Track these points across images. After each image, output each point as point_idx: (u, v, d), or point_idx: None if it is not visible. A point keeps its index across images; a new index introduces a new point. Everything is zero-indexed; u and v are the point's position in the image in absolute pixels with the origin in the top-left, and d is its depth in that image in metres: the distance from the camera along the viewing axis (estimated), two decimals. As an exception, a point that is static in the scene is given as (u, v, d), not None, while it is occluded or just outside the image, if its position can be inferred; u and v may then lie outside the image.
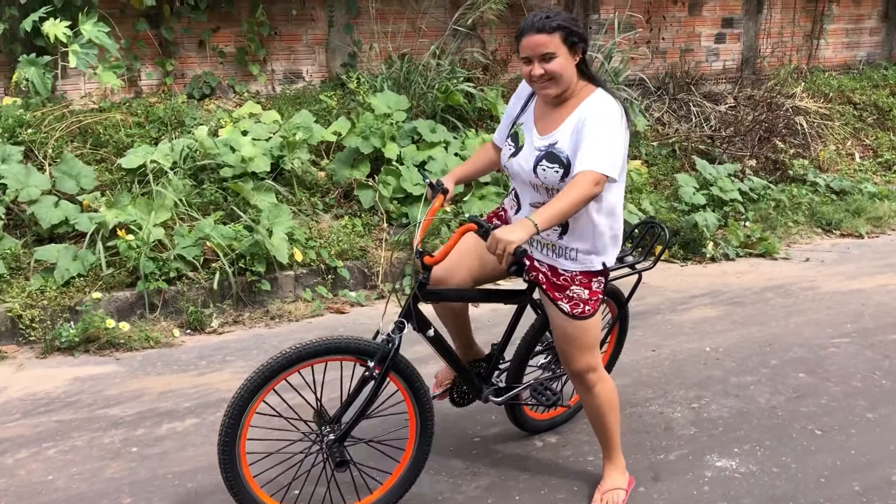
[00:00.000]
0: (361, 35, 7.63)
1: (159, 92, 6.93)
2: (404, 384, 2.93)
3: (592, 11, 8.68)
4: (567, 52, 2.75)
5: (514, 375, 3.40)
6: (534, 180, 2.87)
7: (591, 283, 2.95)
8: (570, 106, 2.83)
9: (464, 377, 3.22)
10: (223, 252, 5.04)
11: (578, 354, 3.00)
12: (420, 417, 2.98)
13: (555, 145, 2.81)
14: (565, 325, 2.97)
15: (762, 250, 6.44)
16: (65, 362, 4.32)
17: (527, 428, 3.62)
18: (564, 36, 2.74)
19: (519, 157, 2.92)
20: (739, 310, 5.25)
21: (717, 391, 4.07)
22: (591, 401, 3.09)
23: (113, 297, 4.79)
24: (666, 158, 7.56)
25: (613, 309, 3.74)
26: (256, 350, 4.52)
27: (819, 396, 4.03)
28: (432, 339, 3.01)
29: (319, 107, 6.91)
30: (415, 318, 2.88)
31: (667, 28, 9.15)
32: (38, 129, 5.66)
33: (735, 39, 9.64)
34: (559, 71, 2.75)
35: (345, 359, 2.80)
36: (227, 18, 7.08)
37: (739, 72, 9.70)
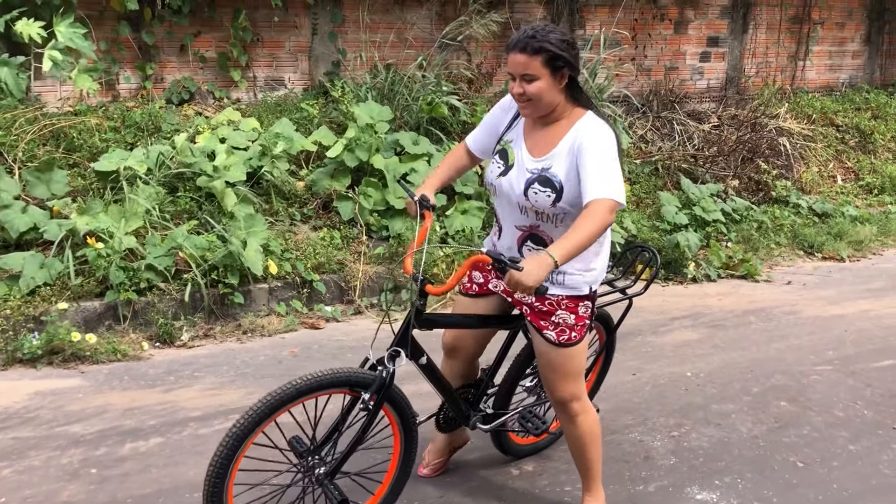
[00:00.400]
0: (346, 44, 7.54)
1: (138, 96, 6.80)
2: (395, 414, 2.85)
3: (578, 27, 8.64)
4: (549, 76, 2.65)
5: (501, 401, 3.31)
6: (523, 202, 2.78)
7: (577, 307, 2.86)
8: (561, 127, 2.74)
9: (452, 404, 3.13)
10: (195, 263, 4.91)
11: (562, 382, 2.91)
12: (404, 447, 2.92)
13: (549, 169, 2.72)
14: (550, 353, 2.89)
15: (744, 272, 6.39)
16: (27, 375, 4.17)
17: (510, 453, 3.53)
18: (547, 59, 2.63)
19: (509, 177, 2.82)
20: (721, 333, 5.18)
21: (697, 419, 3.99)
22: (573, 431, 3.01)
23: (81, 308, 4.64)
24: (649, 177, 7.51)
25: (602, 335, 3.66)
26: (227, 366, 4.39)
27: (801, 426, 3.96)
28: (424, 367, 2.91)
29: (300, 115, 6.80)
30: (409, 346, 2.76)
31: (652, 45, 9.13)
32: (9, 131, 5.50)
33: (720, 58, 9.63)
34: (537, 94, 2.66)
35: (339, 392, 2.69)
36: (209, 23, 6.97)
37: (724, 91, 9.69)
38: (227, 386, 4.14)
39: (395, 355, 2.72)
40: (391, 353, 2.73)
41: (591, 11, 8.71)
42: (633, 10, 8.81)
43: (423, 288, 2.73)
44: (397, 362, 2.72)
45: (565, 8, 8.52)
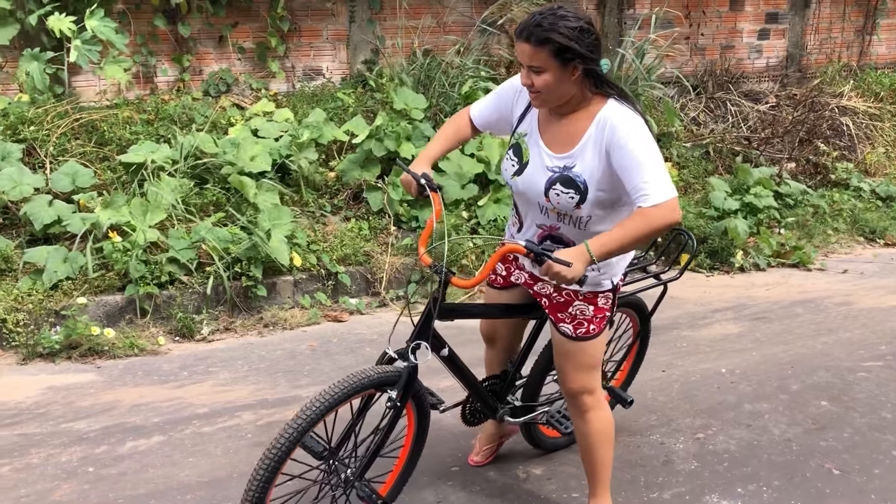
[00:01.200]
0: (384, 30, 7.40)
1: (175, 89, 6.80)
2: (414, 409, 2.77)
3: (627, 7, 8.31)
4: (558, 68, 2.42)
5: (530, 393, 3.20)
6: (544, 203, 2.59)
7: (596, 298, 2.70)
8: (580, 119, 2.52)
9: (477, 396, 3.01)
10: (218, 255, 4.86)
11: (575, 373, 2.77)
12: (416, 439, 2.85)
13: (572, 168, 2.51)
14: (565, 344, 2.76)
15: (796, 260, 6.04)
16: (44, 369, 4.18)
17: (542, 446, 3.41)
18: (554, 50, 2.39)
19: (525, 176, 2.61)
20: (764, 326, 4.88)
21: (727, 420, 3.74)
22: (582, 427, 2.84)
23: (102, 302, 4.63)
24: (699, 160, 7.17)
25: (636, 323, 3.48)
26: (242, 361, 4.32)
27: (841, 429, 3.67)
28: (446, 359, 2.81)
29: (335, 105, 6.69)
30: (430, 338, 2.65)
31: (706, 24, 8.73)
32: (41, 125, 5.54)
33: (780, 35, 9.16)
34: (545, 87, 2.45)
35: (369, 393, 2.62)
36: (247, 13, 6.91)
37: (784, 69, 9.22)
38: (238, 382, 4.07)
39: (416, 348, 2.63)
40: (413, 347, 2.63)
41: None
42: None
43: (448, 279, 2.61)
44: (419, 355, 2.62)
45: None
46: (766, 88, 8.72)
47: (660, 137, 7.24)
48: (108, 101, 6.33)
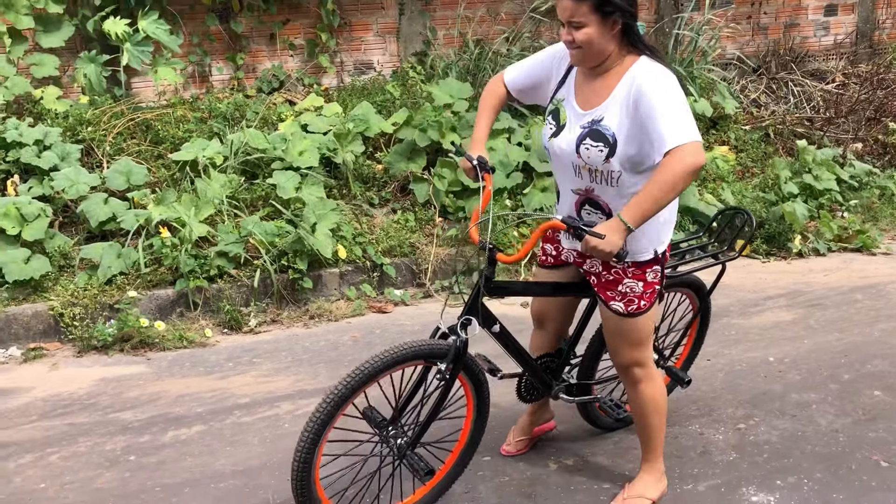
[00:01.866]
0: (434, 22, 7.39)
1: (230, 87, 6.94)
2: (469, 382, 2.85)
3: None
4: (599, 22, 2.48)
5: (586, 372, 3.23)
6: (576, 161, 2.64)
7: (645, 273, 2.73)
8: (613, 76, 2.58)
9: (532, 372, 3.05)
10: (265, 249, 4.95)
11: (626, 348, 2.83)
12: (477, 413, 2.92)
13: (600, 122, 2.56)
14: (617, 321, 2.80)
15: (858, 244, 5.80)
16: (98, 361, 4.33)
17: (599, 425, 3.44)
18: (595, 5, 2.45)
19: (560, 139, 2.68)
20: (819, 313, 4.71)
21: (770, 410, 3.62)
22: (635, 397, 2.91)
23: (154, 295, 4.77)
24: (757, 143, 6.95)
25: (694, 302, 3.46)
26: (286, 352, 4.39)
27: (893, 419, 3.52)
28: (498, 335, 2.87)
29: (384, 98, 6.73)
30: (480, 314, 2.72)
31: (769, 2, 8.44)
32: (98, 126, 5.73)
33: (848, 11, 8.80)
34: (586, 41, 2.51)
35: (417, 364, 2.71)
36: (297, 10, 6.99)
37: (853, 46, 8.85)
38: (281, 373, 4.14)
39: (466, 323, 2.69)
40: (463, 322, 2.69)
41: (697, -32, 8.15)
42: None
43: (493, 256, 2.69)
44: (469, 330, 2.69)
45: (668, -33, 8.01)
46: (833, 67, 8.39)
47: (716, 121, 7.05)
48: (166, 101, 6.51)
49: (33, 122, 5.59)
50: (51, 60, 5.90)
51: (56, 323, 4.55)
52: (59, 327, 4.55)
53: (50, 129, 5.40)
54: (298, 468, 2.57)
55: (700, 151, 2.38)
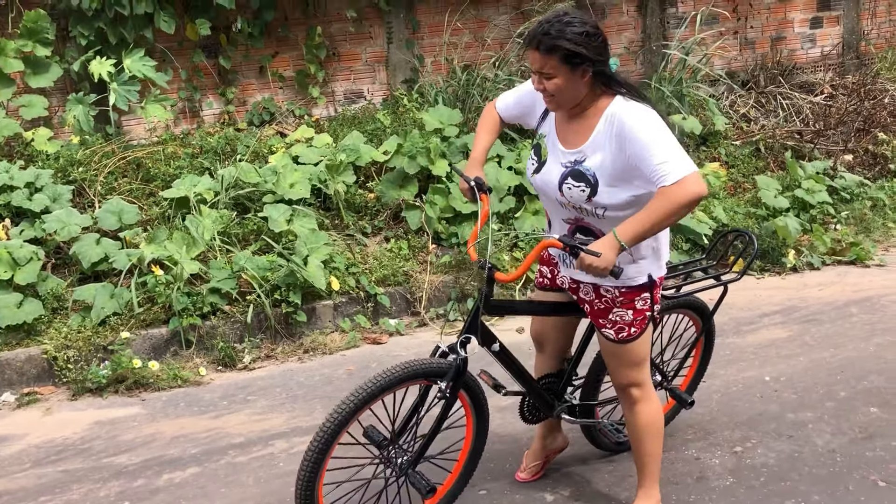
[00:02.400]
0: (422, 49, 7.43)
1: (220, 121, 6.96)
2: (469, 401, 2.90)
3: (669, 5, 8.16)
4: (567, 72, 2.53)
5: (588, 393, 3.25)
6: (559, 198, 2.69)
7: (634, 302, 2.76)
8: (591, 116, 2.63)
9: (533, 392, 3.08)
10: (258, 284, 4.94)
11: (623, 369, 2.87)
12: (476, 430, 2.98)
13: (582, 162, 2.61)
14: (610, 347, 2.85)
15: (852, 257, 5.80)
16: (93, 404, 4.32)
17: (601, 446, 3.44)
18: (563, 56, 2.50)
19: (543, 174, 2.74)
20: (814, 329, 4.70)
21: (767, 431, 3.61)
22: (632, 419, 2.93)
23: (148, 335, 4.76)
24: (748, 158, 6.97)
25: (698, 323, 3.49)
26: (280, 388, 4.38)
27: (891, 437, 3.50)
28: (498, 354, 2.91)
29: (374, 126, 6.75)
30: (479, 333, 2.77)
31: (754, 16, 8.49)
32: (89, 166, 5.75)
33: (833, 23, 8.85)
34: (555, 91, 2.56)
35: (417, 383, 2.76)
36: (285, 42, 7.03)
37: (841, 57, 8.89)
38: (275, 409, 4.13)
39: (466, 342, 2.74)
40: (462, 340, 2.74)
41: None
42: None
43: (492, 275, 2.72)
44: (469, 349, 2.74)
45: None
46: (821, 79, 8.42)
47: (706, 137, 7.07)
48: (157, 138, 6.53)
49: (24, 164, 5.61)
50: (40, 101, 5.93)
51: (50, 366, 4.55)
52: (52, 371, 4.54)
53: (41, 171, 5.42)
54: (303, 487, 2.61)
55: (700, 181, 2.42)
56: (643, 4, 8.03)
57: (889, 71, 8.33)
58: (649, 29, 8.04)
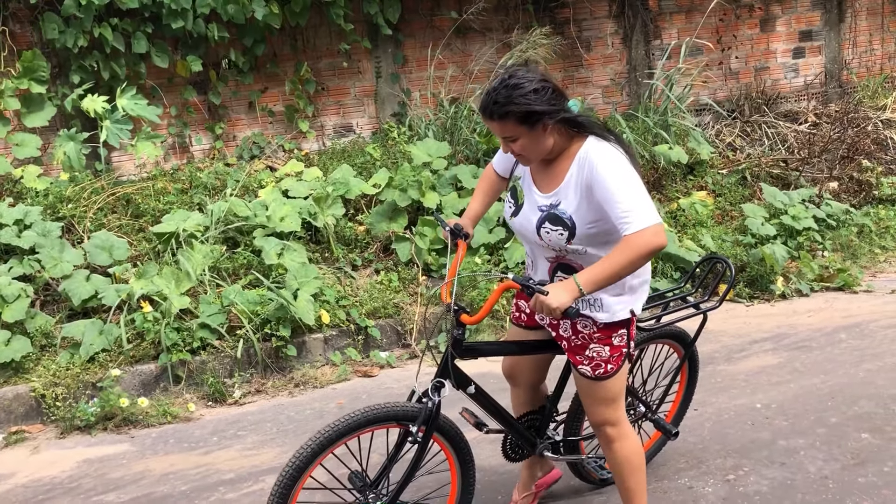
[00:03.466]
0: (410, 83, 7.50)
1: (210, 156, 6.99)
2: (447, 444, 2.87)
3: (654, 37, 8.28)
4: (527, 132, 2.56)
5: (570, 427, 3.22)
6: (539, 242, 2.71)
7: (611, 338, 2.75)
8: (564, 160, 2.66)
9: (513, 431, 3.06)
10: (248, 318, 4.93)
11: (596, 407, 2.85)
12: (462, 476, 2.92)
13: (557, 206, 2.64)
14: (586, 383, 2.83)
15: (840, 283, 5.83)
16: (81, 442, 4.28)
17: (590, 481, 3.40)
18: (518, 119, 2.53)
19: (521, 217, 2.76)
20: (804, 356, 4.71)
21: (760, 459, 3.60)
22: (610, 456, 2.91)
23: (137, 371, 4.74)
24: (735, 187, 7.03)
25: (679, 352, 3.46)
26: (271, 423, 4.35)
27: (882, 462, 3.50)
28: (475, 396, 2.89)
29: (364, 159, 6.79)
30: (453, 376, 2.77)
31: (737, 47, 8.62)
32: (78, 202, 5.75)
33: (815, 52, 8.98)
34: (522, 150, 2.61)
35: (387, 427, 2.73)
36: (274, 78, 7.08)
37: (824, 86, 9.02)
38: (266, 445, 4.10)
39: (439, 386, 2.73)
40: (435, 385, 2.73)
41: (666, 20, 8.34)
42: (712, 13, 8.33)
43: (459, 318, 2.72)
44: (442, 393, 2.73)
45: (637, 20, 8.18)
46: (805, 107, 8.53)
47: (692, 167, 7.14)
48: (147, 174, 6.55)
49: (13, 201, 5.61)
50: (33, 140, 5.95)
51: (38, 404, 4.51)
52: (40, 409, 4.51)
53: (30, 209, 5.41)
54: None
55: (661, 233, 2.44)
56: (628, 37, 8.15)
57: (871, 99, 8.45)
58: (634, 61, 8.15)
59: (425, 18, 7.37)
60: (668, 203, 6.67)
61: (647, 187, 2.67)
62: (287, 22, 6.68)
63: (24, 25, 6.12)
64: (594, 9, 7.99)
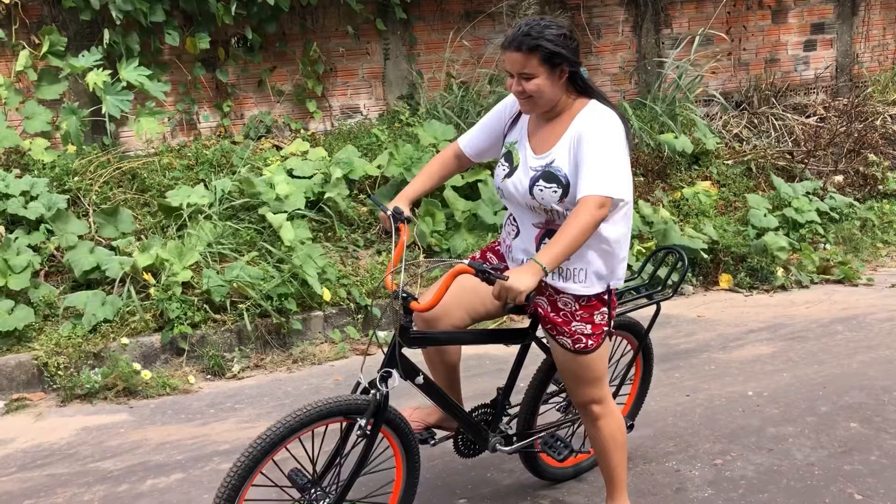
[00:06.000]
0: (419, 65, 7.51)
1: (217, 134, 7.03)
2: (395, 437, 2.78)
3: (664, 26, 8.25)
4: (547, 73, 2.58)
5: (525, 421, 3.17)
6: (530, 202, 2.71)
7: (592, 316, 2.76)
8: (563, 121, 2.68)
9: (464, 424, 2.99)
10: (253, 292, 4.98)
11: (582, 387, 2.85)
12: (407, 468, 2.85)
13: (552, 164, 2.65)
14: (567, 360, 2.82)
15: (840, 276, 5.84)
16: (81, 410, 4.35)
17: (546, 477, 3.35)
18: (544, 56, 2.55)
19: (513, 178, 2.75)
20: (799, 346, 4.74)
21: (748, 444, 3.63)
22: (595, 434, 2.93)
23: (139, 343, 4.80)
24: (740, 178, 7.03)
25: (633, 342, 3.43)
26: (268, 397, 4.41)
27: (869, 451, 3.53)
28: (423, 387, 2.82)
29: (370, 141, 6.82)
30: (400, 366, 2.68)
31: (748, 38, 8.58)
32: (84, 176, 5.80)
33: (827, 45, 8.94)
34: (535, 91, 2.60)
35: (334, 421, 2.63)
36: (283, 58, 7.10)
37: (834, 80, 8.98)
38: (262, 418, 4.16)
39: (386, 376, 2.64)
40: (382, 375, 2.65)
41: (677, 9, 8.30)
42: (724, 3, 8.31)
43: (408, 305, 2.64)
44: (390, 383, 2.64)
45: (648, 8, 8.16)
46: (814, 100, 8.50)
47: (698, 157, 7.14)
48: (154, 149, 6.60)
49: (20, 173, 5.66)
50: (43, 114, 5.97)
51: (40, 373, 4.58)
52: (42, 377, 4.57)
53: (36, 180, 5.47)
54: None
55: (606, 206, 2.47)
56: (638, 25, 8.13)
57: (881, 94, 8.42)
58: (644, 49, 8.13)
59: (436, 2, 7.36)
60: (672, 192, 6.68)
61: (651, 175, 2.69)
62: (297, 1, 6.70)
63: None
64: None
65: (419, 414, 3.16)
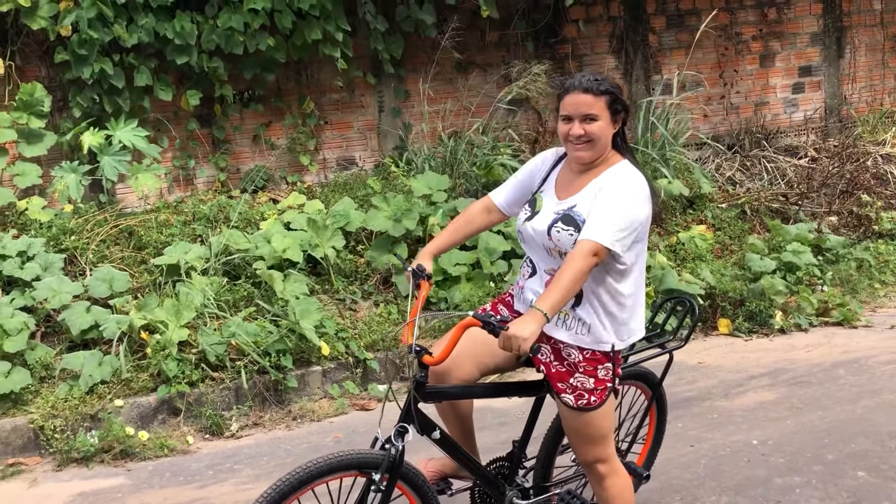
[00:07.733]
0: (412, 117, 7.56)
1: (213, 188, 7.05)
2: (412, 491, 2.78)
3: (654, 73, 8.35)
4: (609, 118, 2.71)
5: (541, 474, 3.16)
6: (547, 243, 2.75)
7: (596, 370, 2.75)
8: (594, 173, 2.75)
9: (481, 478, 2.99)
10: (250, 349, 4.95)
11: (586, 447, 2.83)
12: None
13: (573, 208, 2.72)
14: (570, 418, 2.81)
15: (839, 318, 5.83)
16: (78, 474, 4.28)
17: None
18: (610, 101, 2.70)
19: (534, 221, 2.81)
20: (801, 392, 4.71)
21: (755, 497, 3.59)
22: (602, 493, 2.90)
23: (136, 403, 4.75)
24: (735, 221, 7.05)
25: (647, 392, 3.42)
26: (268, 457, 4.36)
27: (878, 501, 3.50)
28: (440, 441, 2.83)
29: (365, 192, 6.84)
30: (416, 421, 2.70)
31: (737, 83, 8.69)
32: (81, 234, 5.80)
33: (815, 88, 9.05)
34: (598, 134, 2.70)
35: (349, 475, 2.65)
36: (278, 112, 7.15)
37: (824, 121, 9.07)
38: (262, 479, 4.10)
39: (402, 431, 2.66)
40: (398, 430, 2.67)
41: (666, 56, 8.41)
42: (711, 49, 8.42)
43: (421, 359, 2.65)
44: (406, 438, 2.66)
45: (637, 56, 8.27)
46: (804, 142, 8.58)
47: (692, 201, 7.17)
48: (150, 206, 6.61)
49: (17, 233, 5.66)
50: (34, 170, 6.00)
51: (36, 437, 4.52)
52: (38, 441, 4.51)
53: (33, 240, 5.46)
54: None
55: (594, 252, 2.53)
56: (628, 72, 8.23)
57: (871, 134, 8.49)
58: (635, 95, 8.21)
59: (427, 54, 7.44)
60: (668, 237, 6.70)
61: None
62: (291, 57, 6.78)
63: (31, 60, 6.22)
64: (595, 44, 8.08)
65: (435, 464, 3.18)
